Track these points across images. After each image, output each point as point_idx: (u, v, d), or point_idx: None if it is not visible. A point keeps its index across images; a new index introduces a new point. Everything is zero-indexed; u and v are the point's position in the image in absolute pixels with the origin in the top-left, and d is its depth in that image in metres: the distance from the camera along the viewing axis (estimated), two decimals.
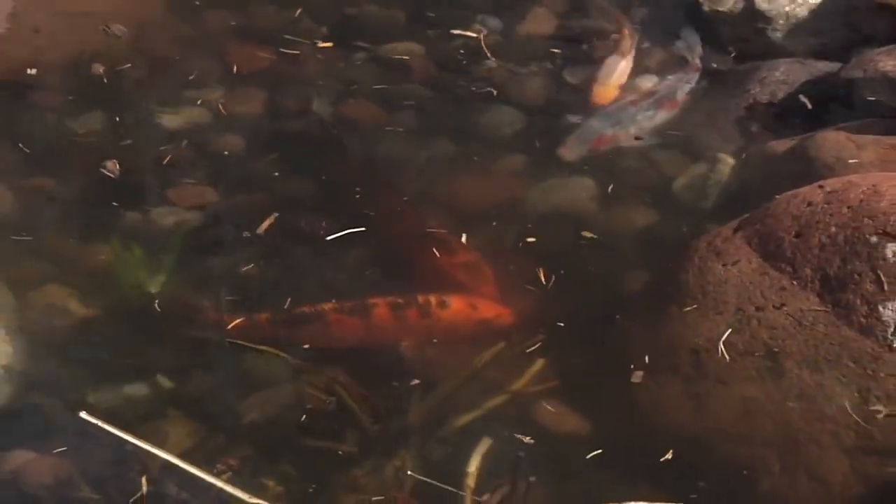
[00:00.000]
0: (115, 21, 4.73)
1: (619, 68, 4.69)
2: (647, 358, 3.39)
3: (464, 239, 3.95)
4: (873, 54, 4.27)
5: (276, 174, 4.26)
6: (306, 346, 3.59)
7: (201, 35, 4.88)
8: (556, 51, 4.90)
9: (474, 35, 4.88)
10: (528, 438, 3.34)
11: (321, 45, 4.85)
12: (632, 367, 3.40)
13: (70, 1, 4.87)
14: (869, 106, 4.13)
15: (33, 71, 4.55)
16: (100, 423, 3.30)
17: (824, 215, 3.31)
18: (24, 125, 4.40)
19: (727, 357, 3.24)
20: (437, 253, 3.87)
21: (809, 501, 3.01)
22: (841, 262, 3.21)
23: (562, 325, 3.65)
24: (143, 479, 3.17)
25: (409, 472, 3.24)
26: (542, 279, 3.81)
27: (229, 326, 3.65)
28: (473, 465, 3.25)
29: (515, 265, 3.89)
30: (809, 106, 4.34)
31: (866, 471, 2.98)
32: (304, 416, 3.42)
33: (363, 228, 3.96)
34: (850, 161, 3.82)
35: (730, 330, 3.28)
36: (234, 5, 5.07)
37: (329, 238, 3.93)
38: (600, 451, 3.29)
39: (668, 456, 3.20)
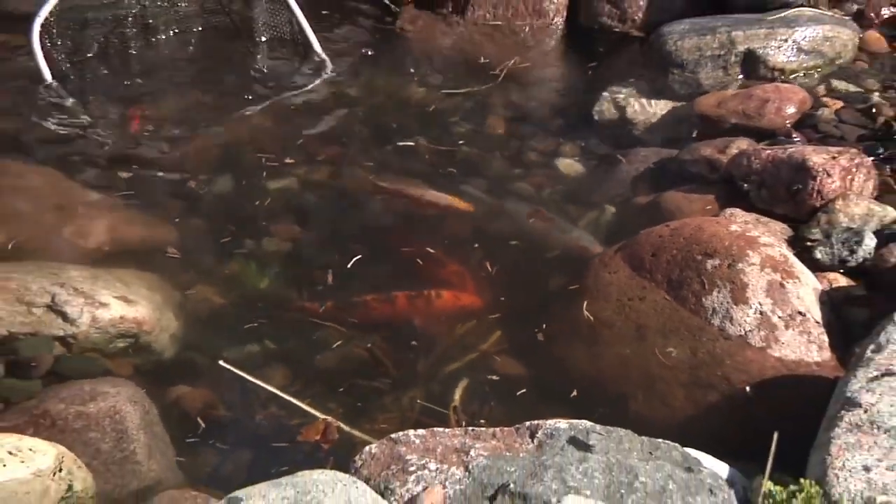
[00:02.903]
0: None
1: None
2: (563, 329, 3.37)
3: (431, 250, 3.87)
4: (697, 145, 4.28)
5: (338, 219, 4.21)
6: (356, 322, 3.56)
7: (293, 134, 4.82)
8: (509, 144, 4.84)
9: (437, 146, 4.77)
10: (492, 377, 3.33)
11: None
12: (535, 330, 3.39)
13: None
14: (695, 177, 4.14)
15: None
16: (231, 368, 3.29)
17: (669, 243, 3.30)
18: (171, 188, 4.35)
19: (591, 318, 3.24)
20: (435, 265, 3.83)
21: (660, 417, 3.00)
22: (679, 272, 3.19)
23: (511, 309, 3.61)
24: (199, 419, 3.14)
25: (418, 401, 3.23)
26: (492, 274, 3.78)
27: (308, 310, 3.62)
28: (457, 396, 3.24)
29: (483, 273, 3.83)
30: (660, 176, 4.31)
31: (695, 397, 2.98)
32: (353, 366, 3.39)
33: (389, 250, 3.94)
34: (684, 210, 3.82)
35: (586, 301, 3.29)
36: (313, 115, 5.01)
37: (363, 259, 3.87)
38: (534, 387, 3.28)
39: (575, 392, 3.19)
